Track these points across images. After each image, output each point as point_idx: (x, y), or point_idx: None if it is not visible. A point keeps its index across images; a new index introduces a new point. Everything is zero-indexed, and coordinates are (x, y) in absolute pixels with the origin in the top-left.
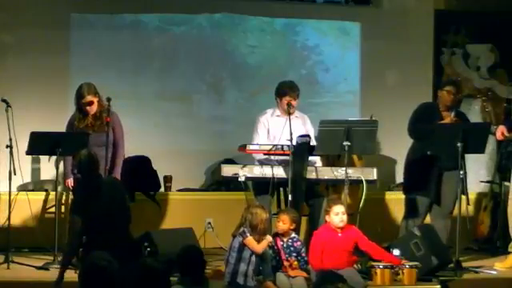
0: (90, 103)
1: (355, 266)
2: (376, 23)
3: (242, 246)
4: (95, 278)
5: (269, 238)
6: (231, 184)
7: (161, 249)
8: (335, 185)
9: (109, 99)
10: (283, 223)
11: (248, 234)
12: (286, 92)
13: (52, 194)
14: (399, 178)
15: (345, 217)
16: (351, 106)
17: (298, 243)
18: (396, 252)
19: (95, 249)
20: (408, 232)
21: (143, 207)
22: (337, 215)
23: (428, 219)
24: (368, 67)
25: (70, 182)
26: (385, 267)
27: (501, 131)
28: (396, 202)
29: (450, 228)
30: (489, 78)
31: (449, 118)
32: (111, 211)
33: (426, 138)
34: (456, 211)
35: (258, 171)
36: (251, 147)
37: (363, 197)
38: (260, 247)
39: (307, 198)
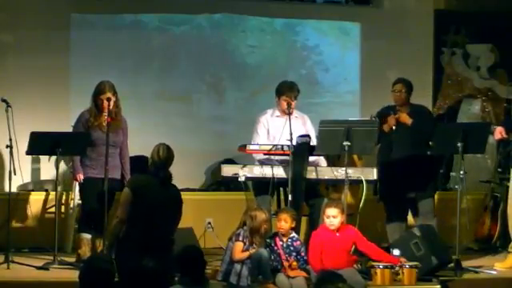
0: (109, 99)
1: (355, 265)
2: (376, 23)
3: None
4: (95, 279)
5: (252, 251)
6: (231, 184)
7: None
8: (335, 185)
9: (109, 99)
10: (285, 222)
11: (240, 238)
12: (284, 92)
13: (52, 194)
14: None
15: (336, 221)
16: (351, 106)
17: (298, 243)
18: (396, 252)
19: (134, 239)
20: (408, 232)
21: None
22: (328, 218)
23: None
24: (368, 67)
25: (81, 176)
26: (385, 267)
27: (499, 131)
28: None
29: (436, 228)
30: (489, 78)
31: (393, 119)
32: (166, 210)
33: (381, 142)
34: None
35: (258, 171)
36: (251, 147)
37: (363, 197)
38: (239, 256)
39: (307, 198)
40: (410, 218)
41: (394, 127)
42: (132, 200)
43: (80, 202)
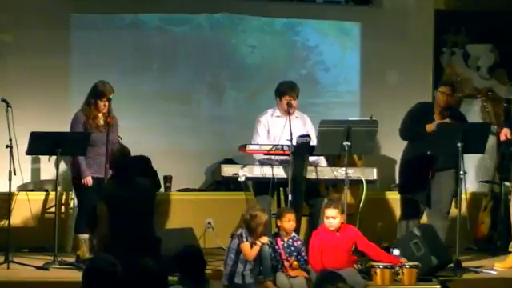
0: (108, 101)
1: (355, 265)
2: (376, 23)
3: (239, 248)
4: (98, 281)
5: (263, 240)
6: (231, 184)
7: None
8: (335, 185)
9: (109, 99)
10: (292, 221)
11: (244, 239)
12: (285, 92)
13: (52, 194)
14: None
15: (335, 221)
16: (351, 106)
17: (299, 242)
18: (396, 252)
19: (118, 243)
20: (408, 232)
21: None
22: (327, 219)
23: (426, 220)
24: (368, 67)
25: (89, 180)
26: (385, 267)
27: (504, 133)
28: (396, 201)
29: (447, 228)
30: (489, 78)
31: (438, 118)
32: (140, 208)
33: (417, 139)
34: (456, 211)
35: (258, 171)
36: (251, 147)
37: (363, 197)
38: (252, 254)
39: (307, 197)
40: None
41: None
42: (108, 212)
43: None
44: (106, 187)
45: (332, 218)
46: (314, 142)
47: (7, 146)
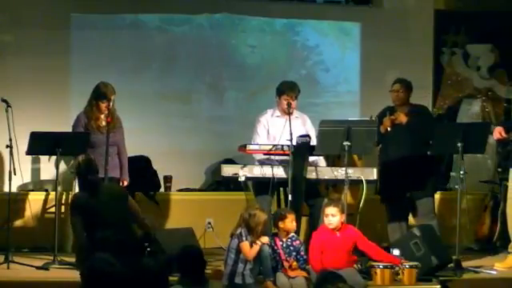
0: (110, 102)
1: (355, 266)
2: (376, 23)
3: (239, 247)
4: (98, 281)
5: (264, 240)
6: (231, 184)
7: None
8: (335, 185)
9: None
10: (294, 221)
11: (244, 238)
12: (284, 91)
13: (52, 194)
14: None
15: (334, 219)
16: (351, 106)
17: (297, 242)
18: (396, 252)
19: (99, 249)
20: (408, 232)
21: (143, 207)
22: (326, 217)
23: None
24: (368, 67)
25: None
26: (385, 267)
27: (498, 132)
28: None
29: (438, 228)
30: (489, 78)
31: (388, 120)
32: (112, 214)
33: (381, 141)
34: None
35: (257, 171)
36: (251, 147)
37: (363, 197)
38: (252, 254)
39: (307, 198)
40: (411, 218)
41: (389, 128)
42: (83, 223)
43: None
44: (76, 200)
45: (331, 215)
46: (313, 141)
47: (7, 146)
